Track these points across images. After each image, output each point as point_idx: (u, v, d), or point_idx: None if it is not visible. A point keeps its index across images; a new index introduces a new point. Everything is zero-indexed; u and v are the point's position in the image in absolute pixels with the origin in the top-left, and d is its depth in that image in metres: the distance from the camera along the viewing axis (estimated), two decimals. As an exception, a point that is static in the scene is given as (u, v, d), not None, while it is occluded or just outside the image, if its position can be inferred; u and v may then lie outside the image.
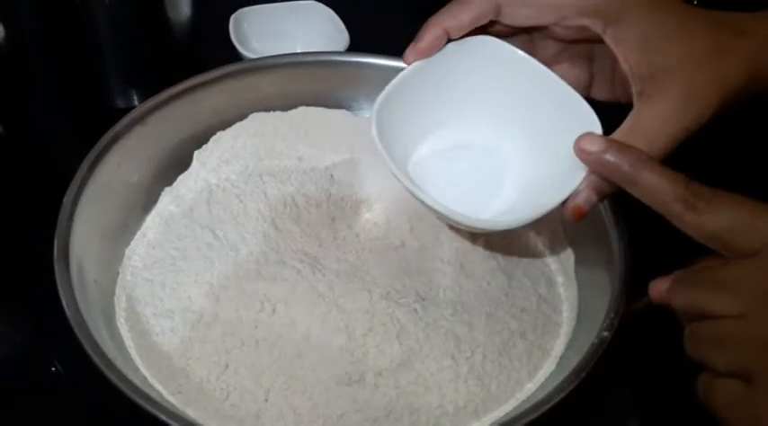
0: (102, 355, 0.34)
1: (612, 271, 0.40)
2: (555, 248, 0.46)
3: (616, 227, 0.42)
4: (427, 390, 0.38)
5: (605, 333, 0.37)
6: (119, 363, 0.36)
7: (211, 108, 0.49)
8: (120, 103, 0.58)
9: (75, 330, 0.35)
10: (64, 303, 0.36)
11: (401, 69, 0.41)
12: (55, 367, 0.42)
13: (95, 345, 0.34)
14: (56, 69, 0.59)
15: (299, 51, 0.61)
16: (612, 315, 0.38)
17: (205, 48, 0.61)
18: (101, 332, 0.38)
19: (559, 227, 0.46)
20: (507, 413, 0.37)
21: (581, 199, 0.36)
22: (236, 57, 0.59)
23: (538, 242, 0.46)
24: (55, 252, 0.38)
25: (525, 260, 0.45)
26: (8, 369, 0.42)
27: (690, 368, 0.43)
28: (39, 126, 0.55)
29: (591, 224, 0.43)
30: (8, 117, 0.51)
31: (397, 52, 0.50)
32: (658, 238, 0.48)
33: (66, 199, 0.40)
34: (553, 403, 0.35)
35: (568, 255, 0.45)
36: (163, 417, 0.32)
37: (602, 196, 0.36)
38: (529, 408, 0.35)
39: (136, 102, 0.57)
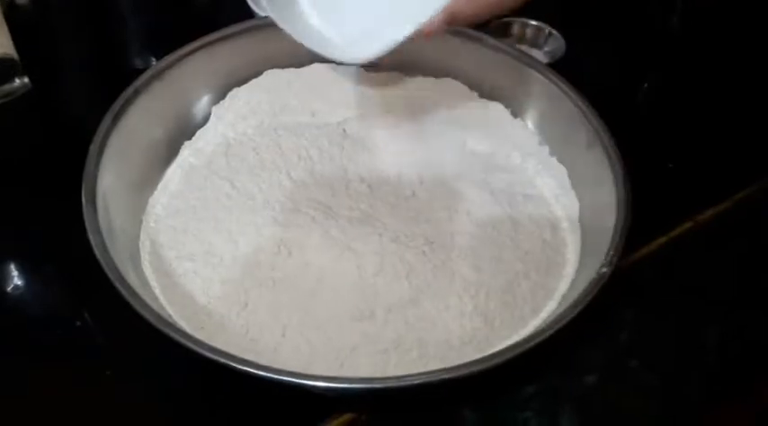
0: (130, 288, 0.36)
1: (614, 216, 0.42)
2: (560, 196, 0.47)
3: (619, 173, 0.43)
4: (434, 325, 0.40)
5: (604, 269, 0.39)
6: (147, 301, 0.38)
7: (227, 64, 0.51)
8: (139, 64, 0.59)
9: (104, 267, 0.37)
10: (93, 244, 0.38)
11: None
12: (83, 318, 0.45)
13: (123, 281, 0.37)
14: (79, 32, 0.61)
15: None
16: (612, 253, 0.39)
17: (221, 10, 0.62)
18: (129, 274, 0.40)
19: (565, 177, 0.48)
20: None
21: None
22: (250, 15, 0.60)
23: (543, 189, 0.48)
24: (83, 197, 0.40)
25: (531, 207, 0.46)
26: (38, 322, 0.44)
27: (688, 310, 0.45)
28: (65, 84, 0.57)
29: (596, 172, 0.45)
30: (36, 75, 0.53)
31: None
32: (658, 184, 0.50)
33: (92, 149, 0.43)
34: (549, 333, 0.36)
35: (573, 202, 0.47)
36: (188, 343, 0.35)
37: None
38: (525, 338, 0.36)
39: (154, 63, 0.58)
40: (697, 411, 0.42)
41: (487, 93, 0.51)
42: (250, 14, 0.60)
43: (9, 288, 0.45)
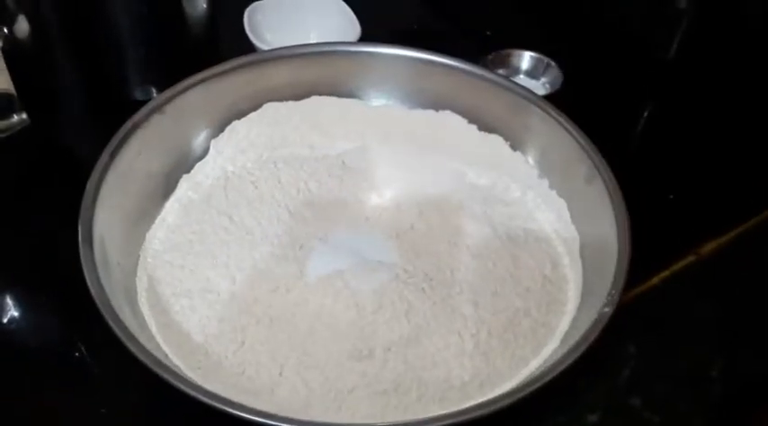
0: (125, 330, 0.36)
1: (615, 252, 0.41)
2: (560, 230, 0.47)
3: (619, 208, 0.43)
4: (434, 365, 0.39)
5: (606, 309, 0.38)
6: (142, 339, 0.38)
7: (227, 98, 0.51)
8: (140, 96, 0.59)
9: (100, 307, 0.37)
10: (89, 281, 0.38)
11: (411, 59, 0.40)
12: (79, 352, 0.44)
13: (118, 320, 0.36)
14: (77, 64, 0.61)
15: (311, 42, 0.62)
16: (614, 292, 0.39)
17: (221, 43, 0.62)
18: (124, 311, 0.39)
19: (565, 210, 0.47)
20: (512, 388, 0.39)
21: None
22: (250, 49, 0.60)
23: (544, 224, 0.47)
24: (80, 233, 0.40)
25: (531, 241, 0.46)
26: (34, 354, 0.43)
27: (691, 344, 0.45)
28: (62, 118, 0.57)
29: (596, 207, 0.44)
30: (34, 109, 0.53)
31: (407, 43, 0.52)
32: (659, 216, 0.50)
33: (90, 185, 0.42)
34: (552, 375, 0.36)
35: (574, 237, 0.46)
36: (184, 388, 0.34)
37: None
38: (529, 380, 0.36)
39: (155, 95, 0.59)
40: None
41: (486, 126, 0.51)
42: (250, 47, 0.61)
43: (5, 320, 0.45)
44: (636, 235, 0.41)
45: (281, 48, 0.54)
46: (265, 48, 0.59)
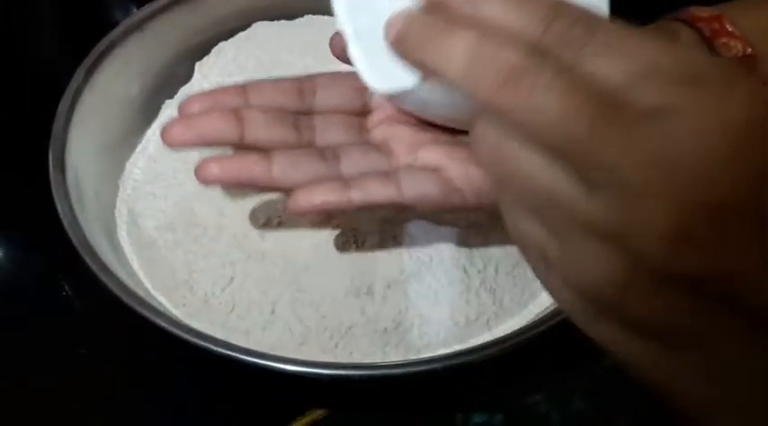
0: (101, 264, 0.33)
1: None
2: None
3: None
4: (437, 302, 0.37)
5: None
6: (121, 275, 0.35)
7: (213, 17, 0.47)
8: (119, 16, 0.55)
9: (74, 241, 0.34)
10: (61, 214, 0.35)
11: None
12: (63, 289, 0.42)
13: (94, 255, 0.33)
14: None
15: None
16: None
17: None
18: (102, 245, 0.37)
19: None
20: (521, 326, 0.36)
21: None
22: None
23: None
24: (50, 161, 0.37)
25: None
26: (18, 293, 0.41)
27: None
28: (35, 39, 0.53)
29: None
30: (6, 31, 0.49)
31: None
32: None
33: (62, 108, 0.39)
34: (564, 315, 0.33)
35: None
36: (163, 324, 0.31)
37: None
38: (539, 319, 0.33)
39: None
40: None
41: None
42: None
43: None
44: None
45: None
46: None
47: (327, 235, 0.38)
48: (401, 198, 0.30)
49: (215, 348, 0.31)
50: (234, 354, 0.31)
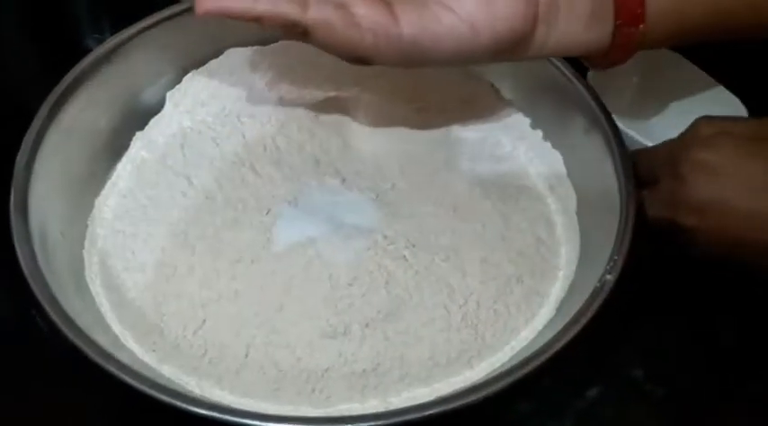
0: (61, 312, 0.32)
1: (617, 212, 0.37)
2: (555, 187, 0.43)
3: (622, 166, 0.39)
4: (418, 341, 0.36)
5: (608, 276, 0.34)
6: (87, 321, 0.34)
7: (184, 44, 0.46)
8: (92, 44, 0.54)
9: (32, 286, 0.33)
10: (20, 257, 0.34)
11: None
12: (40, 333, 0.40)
13: (54, 302, 0.32)
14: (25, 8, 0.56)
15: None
16: (616, 258, 0.35)
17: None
18: (68, 289, 0.35)
19: (561, 165, 0.43)
20: (503, 363, 0.35)
21: None
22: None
23: (537, 181, 0.43)
24: (12, 200, 0.35)
25: (523, 200, 0.42)
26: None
27: (696, 319, 0.42)
28: (6, 68, 0.52)
29: (595, 161, 0.40)
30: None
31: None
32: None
33: (24, 146, 0.38)
34: (553, 352, 0.32)
35: (570, 194, 0.42)
36: (129, 380, 0.30)
37: None
38: (526, 358, 0.32)
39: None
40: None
41: (472, 73, 0.46)
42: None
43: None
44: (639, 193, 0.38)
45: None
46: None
47: (301, 273, 0.37)
48: (304, 19, 0.31)
49: (182, 404, 0.30)
50: (196, 409, 0.30)
